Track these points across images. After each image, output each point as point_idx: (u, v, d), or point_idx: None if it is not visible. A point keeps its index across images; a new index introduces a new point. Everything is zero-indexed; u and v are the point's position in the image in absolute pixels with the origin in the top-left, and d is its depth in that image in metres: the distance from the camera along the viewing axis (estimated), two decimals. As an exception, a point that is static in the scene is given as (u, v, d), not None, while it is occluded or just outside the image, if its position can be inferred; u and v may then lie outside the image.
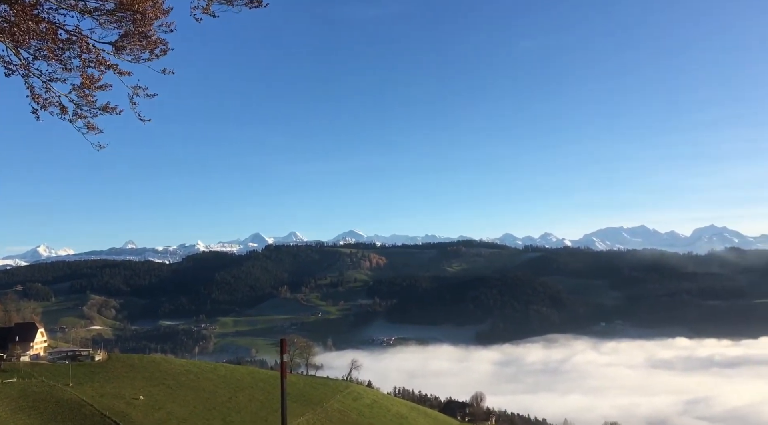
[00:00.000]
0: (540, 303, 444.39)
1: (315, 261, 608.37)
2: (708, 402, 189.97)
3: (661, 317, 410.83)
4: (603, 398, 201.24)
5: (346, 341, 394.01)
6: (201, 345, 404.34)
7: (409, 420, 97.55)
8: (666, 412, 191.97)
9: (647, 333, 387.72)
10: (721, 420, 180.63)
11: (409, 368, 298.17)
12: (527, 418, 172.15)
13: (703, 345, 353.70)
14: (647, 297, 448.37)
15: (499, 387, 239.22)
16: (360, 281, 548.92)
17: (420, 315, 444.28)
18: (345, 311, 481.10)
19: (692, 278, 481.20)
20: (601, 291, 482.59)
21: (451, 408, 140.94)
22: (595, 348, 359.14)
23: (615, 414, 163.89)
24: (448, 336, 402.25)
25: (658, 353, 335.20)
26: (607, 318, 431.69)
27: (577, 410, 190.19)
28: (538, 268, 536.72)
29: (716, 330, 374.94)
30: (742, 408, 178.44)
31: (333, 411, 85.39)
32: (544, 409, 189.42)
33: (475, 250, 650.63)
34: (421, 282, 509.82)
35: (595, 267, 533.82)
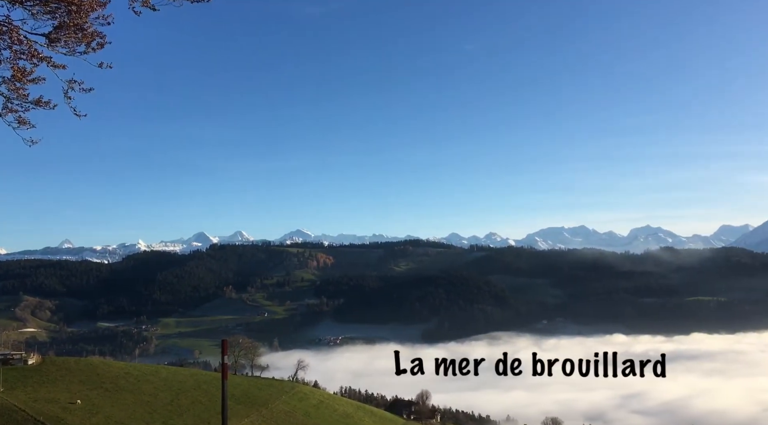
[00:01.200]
0: (485, 302, 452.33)
1: (261, 261, 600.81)
2: (642, 397, 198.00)
3: (599, 314, 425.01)
4: (544, 394, 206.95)
5: (292, 341, 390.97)
6: (142, 347, 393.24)
7: (355, 419, 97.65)
8: (603, 407, 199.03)
9: (586, 330, 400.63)
10: (654, 413, 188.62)
11: (355, 367, 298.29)
12: (471, 415, 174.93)
13: (639, 341, 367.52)
14: (587, 295, 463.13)
15: (445, 385, 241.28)
16: (307, 281, 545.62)
17: (367, 315, 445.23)
18: (291, 311, 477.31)
19: (629, 276, 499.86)
20: (544, 289, 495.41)
21: (397, 407, 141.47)
22: (537, 345, 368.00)
23: (555, 409, 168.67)
24: (394, 335, 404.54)
25: (597, 349, 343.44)
26: (548, 316, 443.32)
27: (519, 406, 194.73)
28: (483, 267, 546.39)
29: (651, 326, 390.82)
30: (674, 401, 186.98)
31: (278, 412, 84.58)
32: (488, 405, 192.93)
33: (422, 250, 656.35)
34: (368, 282, 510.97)
35: (538, 266, 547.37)
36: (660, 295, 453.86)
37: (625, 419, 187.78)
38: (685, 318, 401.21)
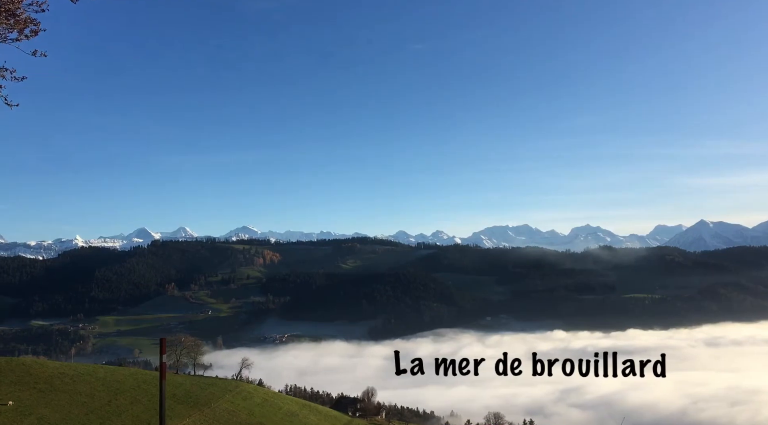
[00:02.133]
0: (431, 299, 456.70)
1: (205, 258, 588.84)
2: (580, 391, 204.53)
3: (541, 311, 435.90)
4: (486, 389, 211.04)
5: (237, 339, 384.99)
6: (78, 346, 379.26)
7: (300, 417, 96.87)
8: (543, 401, 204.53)
9: (528, 326, 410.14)
10: (591, 406, 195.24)
11: (301, 365, 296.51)
12: (416, 411, 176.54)
13: (578, 337, 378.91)
14: (529, 293, 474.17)
15: (390, 382, 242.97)
16: (253, 278, 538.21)
17: (314, 312, 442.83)
18: (236, 309, 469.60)
19: (570, 274, 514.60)
20: (488, 286, 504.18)
21: (343, 404, 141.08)
22: (481, 341, 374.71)
23: (496, 404, 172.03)
24: (341, 332, 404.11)
25: (538, 345, 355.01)
26: (492, 313, 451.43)
27: (462, 401, 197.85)
28: (429, 265, 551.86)
29: (590, 322, 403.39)
30: (610, 395, 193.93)
31: (221, 411, 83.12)
32: (433, 401, 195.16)
33: (370, 247, 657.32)
34: (315, 279, 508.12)
35: (483, 263, 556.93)
36: (598, 292, 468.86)
37: (563, 412, 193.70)
38: (621, 315, 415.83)
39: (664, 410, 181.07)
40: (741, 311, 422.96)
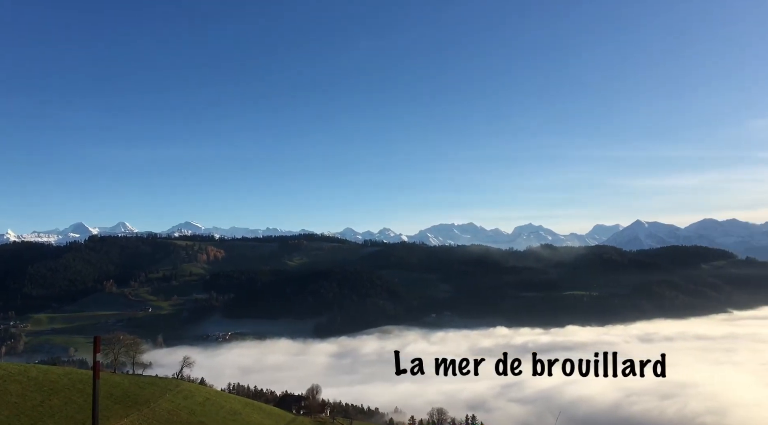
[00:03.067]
0: (377, 296, 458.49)
1: (146, 254, 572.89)
2: (520, 386, 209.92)
3: (485, 308, 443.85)
4: (429, 385, 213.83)
5: (178, 337, 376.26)
6: (9, 345, 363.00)
7: (243, 415, 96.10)
8: (484, 396, 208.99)
9: (472, 323, 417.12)
10: (530, 401, 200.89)
11: (245, 363, 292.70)
12: (361, 408, 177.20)
13: (520, 333, 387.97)
14: (473, 290, 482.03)
15: (336, 379, 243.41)
16: (196, 275, 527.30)
17: (258, 310, 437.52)
18: (178, 306, 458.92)
19: (512, 272, 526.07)
20: (434, 284, 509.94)
21: (287, 402, 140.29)
22: (426, 338, 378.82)
23: (440, 400, 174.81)
24: (286, 330, 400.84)
25: (481, 341, 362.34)
26: (437, 310, 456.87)
27: (407, 397, 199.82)
28: (376, 262, 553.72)
29: (531, 319, 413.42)
30: (548, 389, 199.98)
31: (161, 411, 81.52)
32: (377, 398, 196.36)
33: (317, 244, 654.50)
34: (260, 276, 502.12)
35: (429, 261, 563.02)
36: (540, 290, 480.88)
37: (503, 407, 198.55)
38: (561, 311, 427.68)
39: (599, 403, 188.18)
40: (673, 308, 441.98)
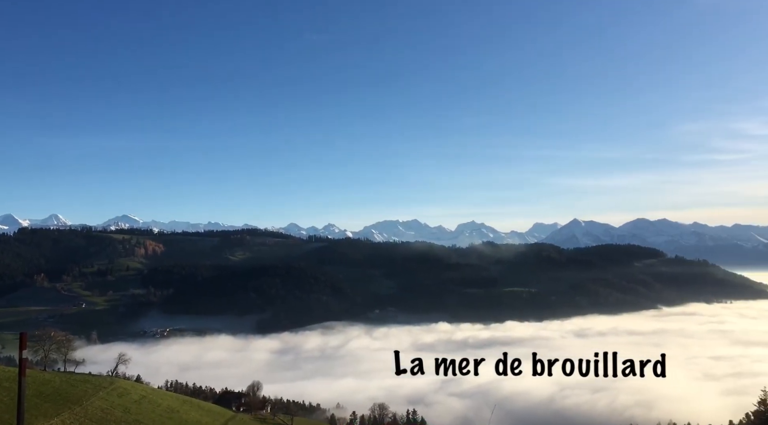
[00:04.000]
0: (321, 292, 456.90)
1: (80, 248, 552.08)
2: (459, 380, 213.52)
3: (427, 304, 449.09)
4: (372, 380, 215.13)
5: (113, 334, 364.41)
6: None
7: (181, 413, 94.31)
8: (424, 391, 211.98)
9: (415, 318, 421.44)
10: (468, 395, 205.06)
11: (184, 360, 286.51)
12: (302, 404, 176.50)
13: (461, 329, 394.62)
14: (417, 286, 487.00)
15: (277, 375, 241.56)
16: (133, 269, 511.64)
17: (199, 306, 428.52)
18: (114, 302, 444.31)
19: (455, 268, 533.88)
20: (378, 280, 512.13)
21: (227, 399, 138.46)
22: (369, 333, 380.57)
23: (381, 395, 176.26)
24: (227, 326, 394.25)
25: (423, 337, 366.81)
26: (381, 306, 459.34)
27: (349, 393, 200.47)
28: (321, 258, 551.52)
29: (472, 315, 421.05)
30: (486, 384, 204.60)
31: (94, 410, 79.10)
32: (319, 394, 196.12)
33: (260, 239, 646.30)
34: (201, 271, 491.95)
35: (373, 257, 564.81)
36: (481, 286, 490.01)
37: (443, 401, 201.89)
38: (501, 308, 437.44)
39: (535, 397, 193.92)
40: (606, 304, 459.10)
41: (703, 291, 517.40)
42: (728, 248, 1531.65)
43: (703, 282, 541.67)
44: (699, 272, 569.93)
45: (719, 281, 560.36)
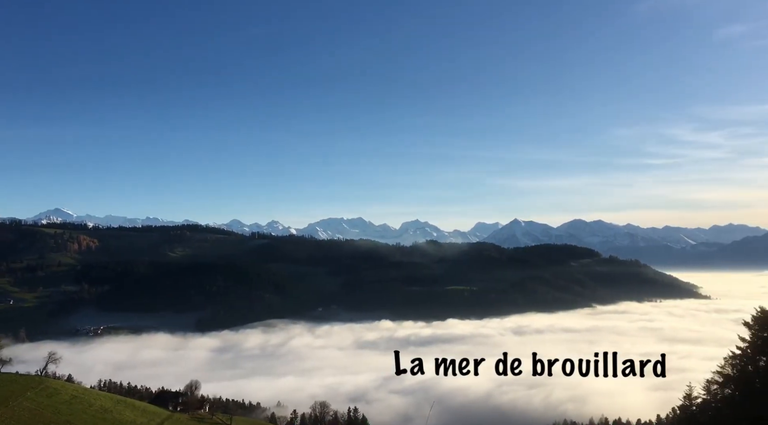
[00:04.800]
0: (263, 290, 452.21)
1: (9, 242, 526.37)
2: (401, 377, 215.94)
3: (371, 302, 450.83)
4: (314, 378, 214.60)
5: (43, 332, 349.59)
6: None
7: (114, 413, 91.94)
8: (366, 388, 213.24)
9: (358, 316, 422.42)
10: (410, 392, 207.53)
11: (118, 359, 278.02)
12: (242, 403, 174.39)
13: (403, 326, 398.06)
14: (361, 284, 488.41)
15: (217, 374, 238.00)
16: (65, 265, 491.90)
17: (135, 303, 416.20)
18: (44, 298, 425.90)
19: (399, 266, 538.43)
20: (321, 277, 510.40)
21: (163, 399, 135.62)
22: (311, 331, 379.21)
23: (322, 393, 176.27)
24: (165, 324, 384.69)
25: (366, 335, 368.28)
26: (324, 304, 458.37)
27: (289, 391, 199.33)
28: (263, 255, 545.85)
29: (414, 313, 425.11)
30: (427, 380, 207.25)
31: (22, 410, 76.27)
32: (260, 392, 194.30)
33: (201, 235, 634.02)
34: (138, 267, 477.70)
35: (317, 255, 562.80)
36: (424, 284, 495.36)
37: (384, 398, 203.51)
38: (443, 306, 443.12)
39: (473, 393, 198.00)
40: (544, 302, 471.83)
41: (634, 290, 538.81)
42: (659, 249, 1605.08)
43: (635, 281, 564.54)
44: (631, 272, 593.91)
45: (650, 280, 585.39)
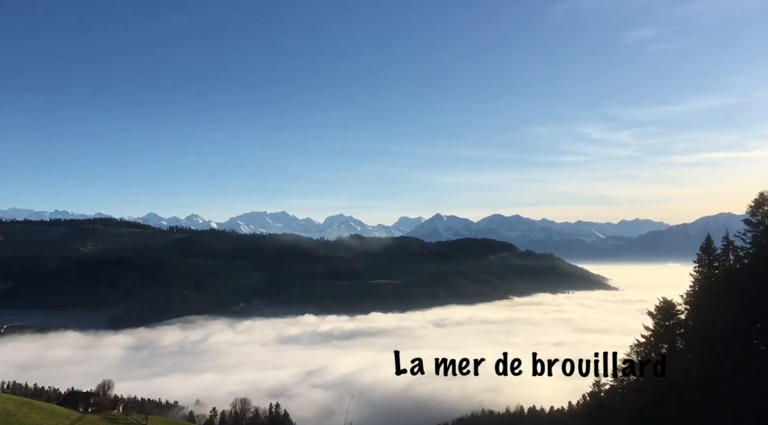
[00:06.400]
0: (182, 285, 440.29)
1: None
2: (323, 371, 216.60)
3: (294, 296, 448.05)
4: (234, 375, 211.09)
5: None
6: None
7: (19, 417, 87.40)
8: (287, 383, 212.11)
9: (281, 311, 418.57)
10: (331, 386, 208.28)
11: (23, 359, 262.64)
12: (158, 402, 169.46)
13: (326, 321, 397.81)
14: (284, 279, 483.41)
15: (132, 373, 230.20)
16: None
17: (42, 300, 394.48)
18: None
19: (323, 261, 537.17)
20: (244, 272, 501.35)
21: (73, 400, 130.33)
22: (232, 327, 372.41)
23: (243, 389, 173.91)
24: (76, 322, 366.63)
25: (288, 330, 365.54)
26: (246, 299, 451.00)
27: (209, 388, 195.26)
28: (183, 250, 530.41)
29: (338, 307, 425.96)
30: (349, 374, 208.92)
31: None
32: (177, 390, 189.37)
33: (115, 229, 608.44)
34: (46, 263, 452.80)
35: (239, 249, 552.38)
36: (348, 278, 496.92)
37: (306, 393, 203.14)
38: (366, 299, 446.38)
39: (393, 386, 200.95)
40: (464, 295, 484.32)
41: (549, 282, 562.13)
42: (572, 243, 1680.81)
43: (550, 274, 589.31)
44: (546, 265, 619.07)
45: (563, 273, 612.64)
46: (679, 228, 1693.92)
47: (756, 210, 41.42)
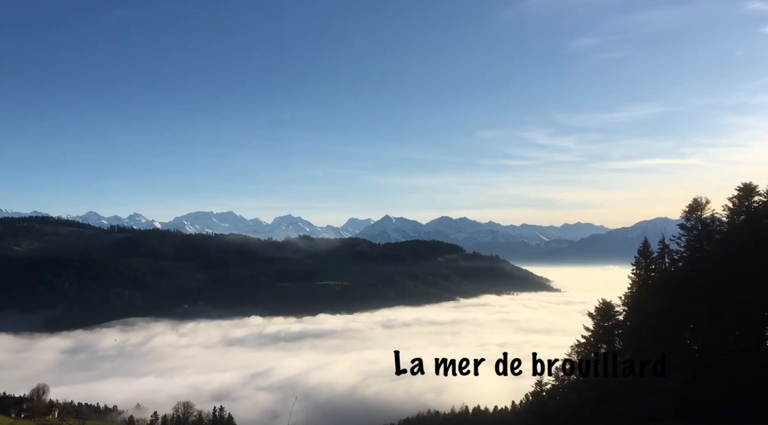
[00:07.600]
0: (123, 286, 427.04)
1: None
2: (268, 374, 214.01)
3: (241, 298, 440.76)
4: (177, 378, 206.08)
5: None
6: None
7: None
8: (232, 386, 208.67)
9: (226, 313, 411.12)
10: (276, 388, 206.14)
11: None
12: (96, 407, 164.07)
13: (273, 322, 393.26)
14: (230, 280, 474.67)
15: (68, 377, 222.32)
16: None
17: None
18: None
19: (270, 262, 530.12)
20: (188, 273, 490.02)
21: (5, 405, 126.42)
22: (175, 329, 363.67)
23: (185, 393, 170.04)
24: (7, 324, 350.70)
25: (234, 332, 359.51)
26: (190, 300, 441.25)
27: (149, 392, 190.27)
28: (124, 250, 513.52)
29: (286, 308, 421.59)
30: (295, 376, 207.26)
31: None
32: (116, 395, 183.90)
33: (52, 228, 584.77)
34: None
35: (184, 250, 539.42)
36: (296, 280, 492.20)
37: (250, 395, 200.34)
38: (314, 301, 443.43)
39: (339, 387, 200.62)
40: (412, 296, 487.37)
41: (494, 283, 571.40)
42: (516, 245, 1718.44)
43: (495, 275, 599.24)
44: (492, 266, 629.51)
45: (508, 275, 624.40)
46: (619, 231, 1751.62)
47: (690, 215, 43.47)
